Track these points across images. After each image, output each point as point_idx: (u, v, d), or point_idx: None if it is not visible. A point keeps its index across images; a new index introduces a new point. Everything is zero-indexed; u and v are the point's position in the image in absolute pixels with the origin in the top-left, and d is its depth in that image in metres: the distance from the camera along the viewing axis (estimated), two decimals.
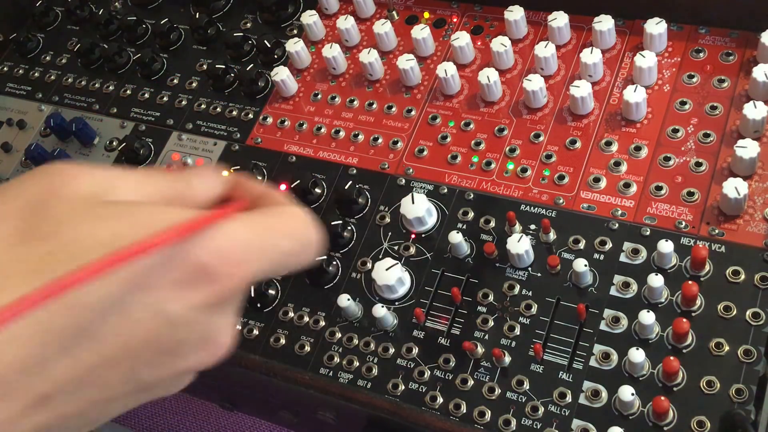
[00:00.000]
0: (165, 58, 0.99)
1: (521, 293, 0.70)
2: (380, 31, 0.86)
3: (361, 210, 0.78)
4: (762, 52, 0.73)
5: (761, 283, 0.64)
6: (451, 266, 0.73)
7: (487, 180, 0.77)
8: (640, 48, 0.79)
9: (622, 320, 0.66)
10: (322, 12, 0.93)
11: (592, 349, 0.65)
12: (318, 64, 0.91)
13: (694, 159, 0.71)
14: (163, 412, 1.42)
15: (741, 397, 0.60)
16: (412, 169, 0.80)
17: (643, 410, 0.62)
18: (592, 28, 0.79)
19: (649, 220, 0.70)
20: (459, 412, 0.66)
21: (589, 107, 0.77)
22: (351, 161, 0.83)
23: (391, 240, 0.76)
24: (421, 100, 0.84)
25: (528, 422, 0.64)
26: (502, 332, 0.68)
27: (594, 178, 0.73)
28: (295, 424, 0.95)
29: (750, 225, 0.67)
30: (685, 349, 0.63)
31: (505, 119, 0.80)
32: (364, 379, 0.70)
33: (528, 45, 0.84)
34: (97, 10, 1.04)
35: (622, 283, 0.67)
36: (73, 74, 1.03)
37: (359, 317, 0.73)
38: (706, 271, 0.66)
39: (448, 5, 0.89)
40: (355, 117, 0.86)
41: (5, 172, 0.99)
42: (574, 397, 0.64)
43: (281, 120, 0.88)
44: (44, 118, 1.00)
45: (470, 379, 0.67)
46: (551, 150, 0.76)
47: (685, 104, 0.74)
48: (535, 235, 0.72)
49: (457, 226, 0.75)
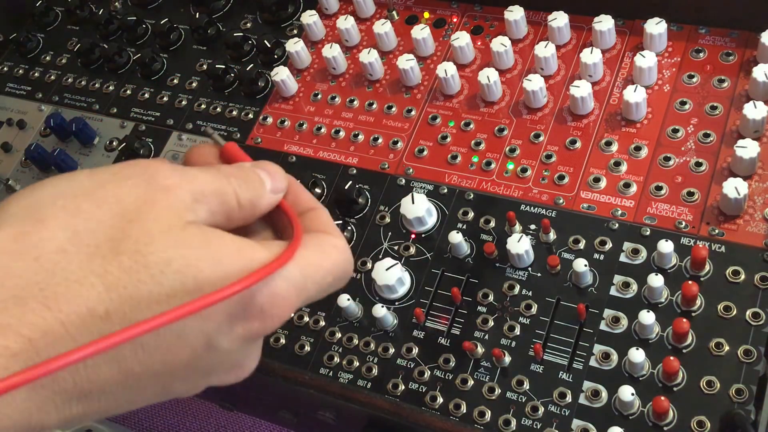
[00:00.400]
0: (165, 58, 0.99)
1: (521, 293, 0.70)
2: (380, 31, 0.86)
3: (361, 210, 0.79)
4: (762, 52, 0.73)
5: (761, 283, 0.64)
6: (451, 266, 0.73)
7: (487, 180, 0.77)
8: (640, 48, 0.79)
9: (622, 320, 0.66)
10: (322, 12, 0.93)
11: (592, 349, 0.65)
12: (318, 64, 0.91)
13: (694, 159, 0.71)
14: (163, 412, 1.42)
15: (741, 397, 0.60)
16: (412, 169, 0.80)
17: (643, 410, 0.62)
18: (592, 28, 0.79)
19: (649, 220, 0.70)
20: (459, 412, 0.66)
21: (589, 107, 0.77)
22: (351, 161, 0.83)
23: (391, 240, 0.76)
24: (421, 100, 0.84)
25: (528, 422, 0.64)
26: (502, 332, 0.68)
27: (594, 178, 0.73)
28: (295, 424, 0.95)
29: (750, 225, 0.67)
30: (685, 349, 0.63)
31: (505, 119, 0.80)
32: (364, 379, 0.70)
33: (528, 45, 0.84)
34: (97, 10, 1.04)
35: (622, 283, 0.67)
36: (73, 74, 1.03)
37: (359, 317, 0.73)
38: (706, 271, 0.66)
39: (448, 5, 0.89)
40: (355, 117, 0.86)
41: (5, 172, 0.99)
42: (574, 397, 0.64)
43: (281, 120, 0.88)
44: (44, 118, 1.00)
45: (470, 379, 0.67)
46: (551, 150, 0.76)
47: (685, 104, 0.74)
48: (535, 235, 0.72)
49: (457, 226, 0.75)
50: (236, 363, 0.40)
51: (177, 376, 0.37)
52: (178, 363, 0.36)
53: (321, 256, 0.40)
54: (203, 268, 0.34)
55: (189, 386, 0.39)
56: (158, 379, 0.36)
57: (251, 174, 0.40)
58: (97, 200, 0.34)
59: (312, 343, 0.73)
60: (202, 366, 0.37)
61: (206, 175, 0.38)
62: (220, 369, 0.39)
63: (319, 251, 0.40)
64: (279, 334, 0.75)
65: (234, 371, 0.40)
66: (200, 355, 0.36)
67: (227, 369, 0.40)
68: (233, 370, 0.40)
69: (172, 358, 0.35)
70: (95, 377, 0.33)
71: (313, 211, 0.43)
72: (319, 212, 0.43)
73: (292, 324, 0.75)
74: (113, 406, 0.36)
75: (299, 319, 0.75)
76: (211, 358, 0.37)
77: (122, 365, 0.34)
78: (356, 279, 0.75)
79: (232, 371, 0.40)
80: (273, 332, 0.75)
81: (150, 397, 0.37)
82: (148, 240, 0.34)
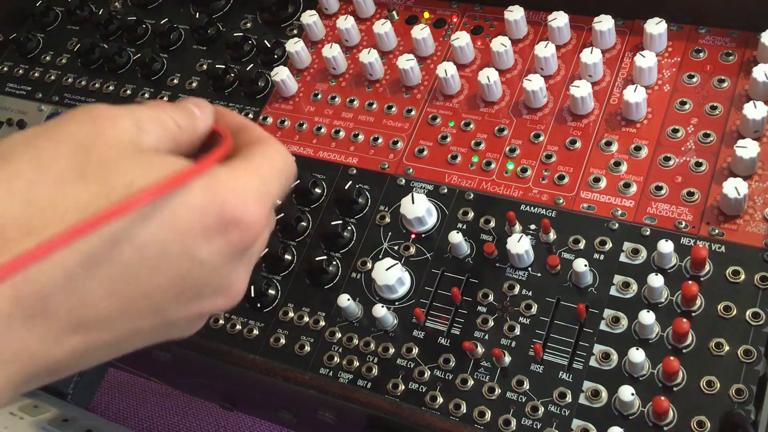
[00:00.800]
0: (165, 58, 0.99)
1: (521, 293, 0.70)
2: (380, 31, 0.86)
3: (361, 210, 0.79)
4: (762, 52, 0.73)
5: (761, 283, 0.64)
6: (451, 266, 0.73)
7: (487, 180, 0.77)
8: (640, 48, 0.79)
9: (622, 320, 0.66)
10: (322, 12, 0.93)
11: (592, 349, 0.65)
12: (318, 64, 0.91)
13: (694, 159, 0.71)
14: (163, 412, 1.42)
15: (741, 397, 0.60)
16: (412, 169, 0.80)
17: (643, 410, 0.62)
18: (592, 28, 0.79)
19: (649, 220, 0.70)
20: (459, 412, 0.66)
21: (589, 107, 0.77)
22: (351, 161, 0.83)
23: (391, 240, 0.76)
24: (421, 100, 0.84)
25: (528, 422, 0.64)
26: (502, 332, 0.68)
27: (594, 178, 0.73)
28: (295, 424, 0.95)
29: (750, 225, 0.67)
30: (685, 349, 0.63)
31: (505, 119, 0.80)
32: (364, 379, 0.70)
33: (528, 45, 0.84)
34: (97, 10, 1.04)
35: (622, 283, 0.67)
36: (73, 74, 1.03)
37: (359, 317, 0.73)
38: (706, 271, 0.66)
39: (448, 5, 0.89)
40: (355, 117, 0.86)
41: None
42: (574, 397, 0.64)
43: (281, 120, 0.88)
44: (44, 118, 1.00)
45: (470, 379, 0.67)
46: (551, 150, 0.76)
47: (685, 104, 0.75)
48: (535, 235, 0.72)
49: (457, 226, 0.75)
50: (225, 283, 0.42)
51: (168, 297, 0.39)
52: (166, 282, 0.38)
53: (271, 162, 0.44)
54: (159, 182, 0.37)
55: (183, 310, 0.41)
56: (150, 301, 0.38)
57: (180, 103, 0.44)
58: (53, 138, 0.37)
59: (312, 343, 0.73)
60: (190, 283, 0.40)
61: (143, 107, 0.42)
62: (210, 288, 0.41)
63: (268, 158, 0.44)
64: (279, 334, 0.75)
65: (225, 293, 0.43)
66: (185, 272, 0.39)
67: (216, 288, 0.42)
68: (224, 291, 0.43)
69: (159, 276, 0.38)
70: (87, 302, 0.35)
71: (246, 128, 0.46)
72: (252, 126, 0.47)
73: (292, 324, 0.75)
74: (114, 338, 0.38)
75: (299, 319, 0.75)
76: (198, 274, 0.40)
77: (110, 287, 0.36)
78: (356, 279, 0.75)
79: (223, 293, 0.43)
80: (273, 333, 0.75)
81: (148, 327, 0.40)
82: (109, 165, 0.36)
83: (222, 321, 0.77)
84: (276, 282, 0.78)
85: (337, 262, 0.76)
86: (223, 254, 0.40)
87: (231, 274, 0.42)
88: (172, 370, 0.95)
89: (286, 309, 0.76)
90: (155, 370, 1.03)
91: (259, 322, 0.76)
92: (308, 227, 0.80)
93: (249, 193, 0.40)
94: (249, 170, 0.42)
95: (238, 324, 0.77)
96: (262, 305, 0.76)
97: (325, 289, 0.76)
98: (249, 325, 0.76)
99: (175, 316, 0.41)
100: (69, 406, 1.18)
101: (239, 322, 0.77)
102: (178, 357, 0.84)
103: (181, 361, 0.86)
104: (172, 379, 1.06)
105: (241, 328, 0.76)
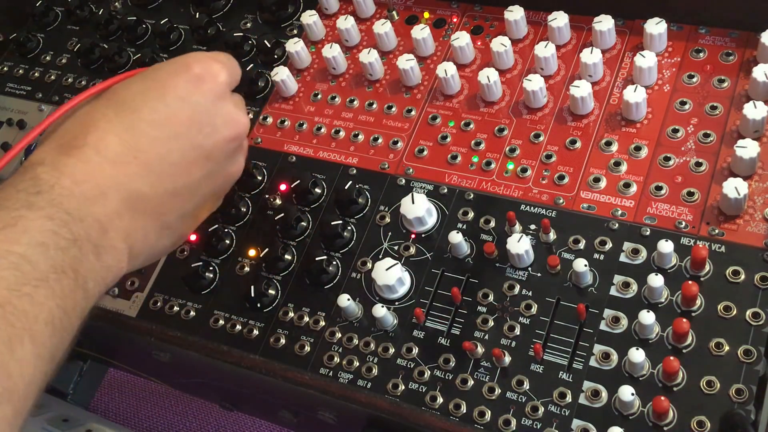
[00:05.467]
0: (165, 58, 0.99)
1: (521, 293, 0.70)
2: (380, 31, 0.86)
3: (361, 210, 0.79)
4: (762, 52, 0.73)
5: (761, 283, 0.64)
6: (451, 266, 0.73)
7: (487, 180, 0.77)
8: (640, 48, 0.79)
9: (622, 320, 0.66)
10: (322, 12, 0.93)
11: (592, 349, 0.65)
12: (318, 64, 0.91)
13: (694, 159, 0.72)
14: (163, 412, 1.42)
15: (741, 397, 0.60)
16: (412, 169, 0.80)
17: (643, 410, 0.62)
18: (592, 28, 0.79)
19: (649, 220, 0.70)
20: (459, 412, 0.66)
21: (589, 107, 0.77)
22: (351, 161, 0.83)
23: (391, 240, 0.76)
24: (421, 100, 0.84)
25: (528, 422, 0.64)
26: (502, 332, 0.68)
27: (594, 178, 0.73)
28: (295, 424, 0.95)
29: (750, 225, 0.67)
30: (685, 349, 0.63)
31: (505, 119, 0.80)
32: (364, 379, 0.70)
33: (528, 45, 0.84)
34: (97, 10, 1.04)
35: (622, 283, 0.67)
36: (73, 74, 1.03)
37: (359, 317, 0.73)
38: (706, 271, 0.66)
39: (448, 5, 0.89)
40: (355, 117, 0.86)
41: (5, 172, 0.99)
42: (574, 397, 0.64)
43: (281, 120, 0.88)
44: (44, 118, 1.00)
45: (470, 379, 0.67)
46: (551, 150, 0.76)
47: (685, 104, 0.75)
48: (535, 235, 0.72)
49: (457, 226, 0.75)
50: (228, 117, 0.66)
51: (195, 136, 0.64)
52: (183, 120, 0.63)
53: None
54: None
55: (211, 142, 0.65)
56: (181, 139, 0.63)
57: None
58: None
59: (312, 343, 0.73)
60: (203, 119, 0.64)
61: (221, 59, 0.69)
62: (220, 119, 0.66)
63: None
64: (279, 334, 0.75)
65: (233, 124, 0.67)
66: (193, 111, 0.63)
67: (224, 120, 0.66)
68: (231, 122, 0.67)
69: (178, 124, 0.63)
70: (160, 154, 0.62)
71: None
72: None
73: (292, 324, 0.75)
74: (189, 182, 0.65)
75: (299, 319, 0.75)
76: (204, 113, 0.64)
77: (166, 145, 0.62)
78: (356, 279, 0.75)
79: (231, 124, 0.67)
80: (273, 333, 0.75)
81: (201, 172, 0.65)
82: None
83: (222, 321, 0.77)
84: (276, 282, 0.78)
85: (337, 262, 0.76)
86: (208, 98, 0.64)
87: (228, 111, 0.66)
88: (172, 370, 0.95)
89: (286, 309, 0.76)
90: (155, 370, 1.03)
91: (259, 323, 0.76)
92: (308, 227, 0.80)
93: (203, 53, 0.67)
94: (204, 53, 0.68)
95: (238, 324, 0.77)
96: (262, 305, 0.76)
97: (325, 289, 0.76)
98: (249, 326, 0.76)
99: (210, 147, 0.65)
100: (69, 406, 1.18)
101: (239, 322, 0.77)
102: (178, 357, 0.84)
103: (181, 361, 0.86)
104: (172, 379, 1.06)
105: (241, 328, 0.76)
